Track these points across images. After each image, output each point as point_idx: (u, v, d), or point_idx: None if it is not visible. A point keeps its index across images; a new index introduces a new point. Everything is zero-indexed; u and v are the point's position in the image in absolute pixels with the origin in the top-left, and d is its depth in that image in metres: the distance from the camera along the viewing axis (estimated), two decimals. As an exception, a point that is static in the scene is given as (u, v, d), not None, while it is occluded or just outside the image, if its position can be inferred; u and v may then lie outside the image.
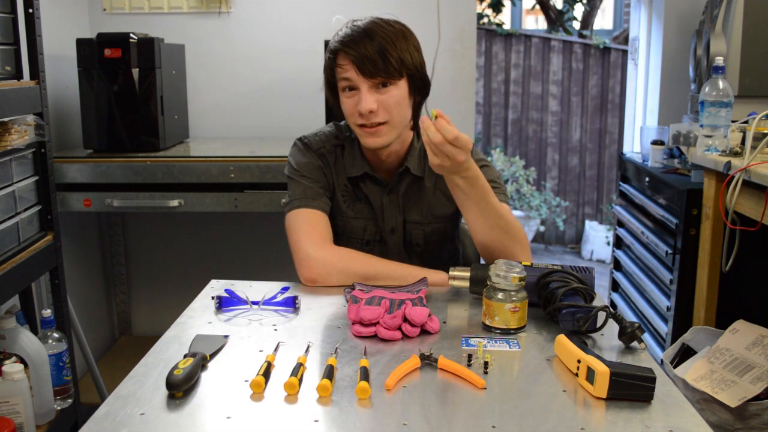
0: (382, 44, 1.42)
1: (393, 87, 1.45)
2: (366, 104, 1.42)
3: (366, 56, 1.41)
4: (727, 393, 1.72)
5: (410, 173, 1.56)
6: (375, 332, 1.15)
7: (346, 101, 1.46)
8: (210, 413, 0.92)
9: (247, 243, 2.97)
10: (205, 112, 2.85)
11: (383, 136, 1.47)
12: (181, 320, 1.24)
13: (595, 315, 1.14)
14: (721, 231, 2.05)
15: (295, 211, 1.49)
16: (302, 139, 1.59)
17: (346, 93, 1.46)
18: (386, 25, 1.46)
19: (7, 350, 1.67)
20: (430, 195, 1.58)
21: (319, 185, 1.53)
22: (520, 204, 5.96)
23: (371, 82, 1.42)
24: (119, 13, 2.78)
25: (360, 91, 1.43)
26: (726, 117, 2.04)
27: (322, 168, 1.55)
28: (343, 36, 1.45)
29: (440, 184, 1.58)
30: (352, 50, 1.42)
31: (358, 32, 1.44)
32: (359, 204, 1.58)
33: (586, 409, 0.93)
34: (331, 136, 1.59)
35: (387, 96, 1.44)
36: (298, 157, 1.57)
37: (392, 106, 1.45)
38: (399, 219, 1.58)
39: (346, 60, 1.43)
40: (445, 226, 1.61)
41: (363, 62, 1.41)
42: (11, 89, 1.68)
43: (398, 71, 1.44)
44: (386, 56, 1.42)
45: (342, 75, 1.44)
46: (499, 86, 6.16)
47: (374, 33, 1.43)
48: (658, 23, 3.02)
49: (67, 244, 2.37)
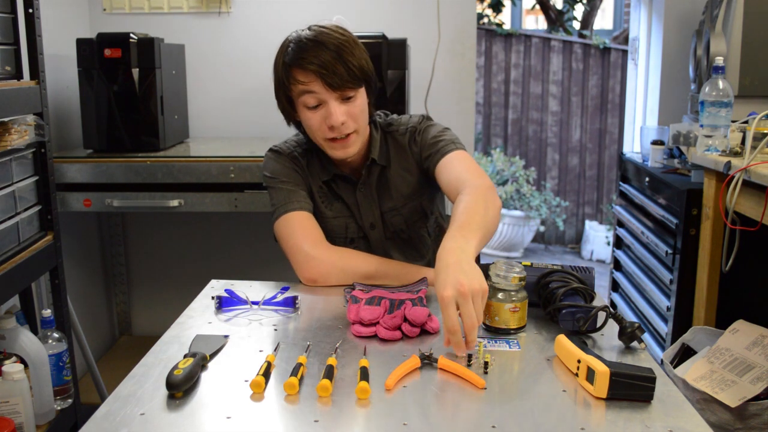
0: (342, 54, 1.40)
1: (357, 96, 1.45)
2: (337, 117, 1.41)
3: (330, 69, 1.38)
4: (727, 393, 1.72)
5: (377, 164, 1.56)
6: (375, 332, 1.15)
7: (312, 117, 1.44)
8: (210, 413, 0.92)
9: (247, 243, 2.97)
10: (205, 112, 2.85)
11: (353, 145, 1.48)
12: (181, 320, 1.24)
13: (595, 315, 1.14)
14: (721, 231, 2.05)
15: (283, 216, 1.48)
16: (272, 148, 1.60)
17: (310, 109, 1.44)
18: (337, 34, 1.43)
19: (7, 350, 1.67)
20: (395, 179, 1.58)
21: (299, 188, 1.53)
22: (520, 204, 5.96)
23: (338, 93, 1.41)
24: (119, 13, 2.78)
25: (328, 105, 1.42)
26: (726, 117, 2.04)
27: (298, 171, 1.56)
28: (299, 51, 1.41)
29: (401, 162, 1.58)
30: (314, 65, 1.39)
31: (313, 44, 1.40)
32: (337, 203, 1.58)
33: (586, 409, 0.93)
34: (301, 142, 1.60)
35: (352, 106, 1.44)
36: (271, 165, 1.57)
37: (358, 114, 1.46)
38: (376, 212, 1.58)
39: (308, 75, 1.40)
40: (420, 202, 1.60)
41: (328, 75, 1.38)
42: (11, 89, 1.68)
43: (360, 79, 1.44)
44: (349, 66, 1.40)
45: (305, 90, 1.42)
46: (499, 86, 6.16)
47: (330, 44, 1.40)
48: (658, 23, 3.02)
49: (67, 244, 2.36)
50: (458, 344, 1.06)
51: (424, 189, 1.61)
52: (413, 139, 1.57)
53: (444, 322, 1.06)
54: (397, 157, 1.59)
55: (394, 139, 1.59)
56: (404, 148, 1.58)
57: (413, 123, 1.59)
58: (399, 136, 1.59)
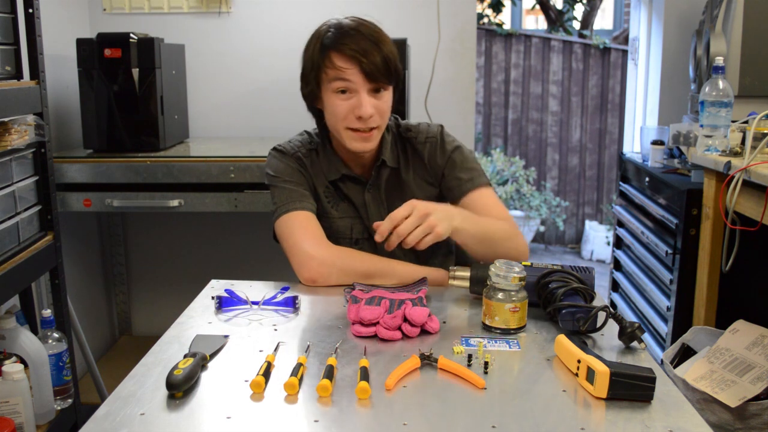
0: (384, 50, 1.42)
1: (386, 92, 1.46)
2: (368, 108, 1.41)
3: (372, 62, 1.40)
4: (727, 393, 1.72)
5: (387, 165, 1.56)
6: (375, 332, 1.15)
7: (339, 103, 1.44)
8: (210, 413, 0.92)
9: (247, 243, 2.97)
10: (205, 112, 2.85)
11: (373, 140, 1.48)
12: (181, 320, 1.24)
13: (595, 315, 1.14)
14: (721, 231, 2.05)
15: (284, 216, 1.48)
16: (276, 147, 1.59)
17: (339, 95, 1.44)
18: (376, 28, 1.45)
19: (7, 350, 1.67)
20: (412, 185, 1.59)
21: (302, 188, 1.53)
22: (520, 204, 5.96)
23: (371, 86, 1.42)
24: (119, 13, 2.78)
25: (359, 95, 1.42)
26: (726, 117, 2.04)
27: (301, 171, 1.55)
28: (340, 36, 1.42)
29: (419, 171, 1.59)
30: (356, 52, 1.39)
31: (355, 32, 1.42)
32: (343, 203, 1.58)
33: (586, 409, 0.93)
34: (305, 142, 1.59)
35: (382, 101, 1.45)
36: (275, 164, 1.56)
37: (385, 111, 1.47)
38: (384, 214, 1.57)
39: (348, 62, 1.40)
40: None
41: (367, 64, 1.39)
42: (11, 89, 1.68)
43: (393, 76, 1.45)
44: (388, 62, 1.42)
45: (339, 75, 1.42)
46: (499, 86, 6.16)
47: (371, 35, 1.42)
48: (658, 23, 3.02)
49: (67, 244, 2.36)
50: (383, 232, 1.26)
51: (440, 200, 1.62)
52: (437, 152, 1.57)
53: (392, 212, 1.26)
54: (414, 165, 1.59)
55: (411, 146, 1.59)
56: (422, 157, 1.58)
57: (433, 133, 1.59)
58: (418, 145, 1.58)
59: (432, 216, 1.27)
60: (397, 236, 1.26)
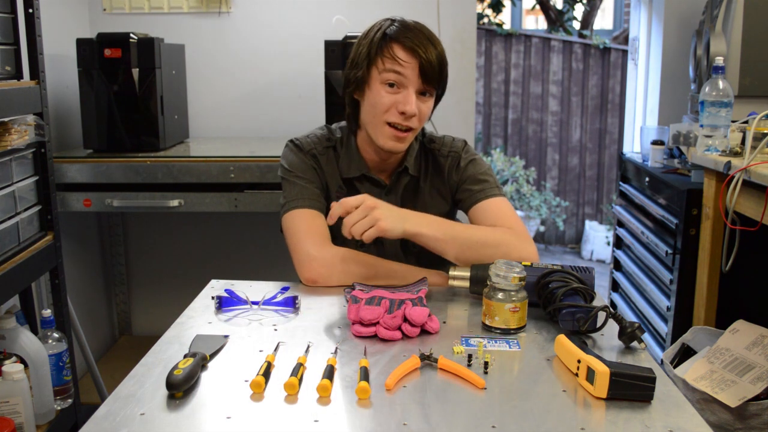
0: (441, 55, 1.44)
1: (430, 98, 1.46)
2: (413, 106, 1.42)
3: (430, 61, 1.41)
4: (727, 393, 1.72)
5: (408, 173, 1.56)
6: (375, 332, 1.15)
7: (385, 95, 1.43)
8: (210, 413, 0.92)
9: (247, 243, 2.97)
10: (205, 112, 2.85)
11: (406, 142, 1.48)
12: (181, 320, 1.24)
13: (595, 315, 1.14)
14: (721, 231, 2.05)
15: (292, 212, 1.48)
16: (294, 140, 1.57)
17: (387, 87, 1.43)
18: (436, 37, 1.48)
19: (7, 350, 1.67)
20: (426, 196, 1.59)
21: (314, 185, 1.52)
22: (520, 204, 5.96)
23: (422, 86, 1.43)
24: (119, 13, 2.78)
25: (408, 91, 1.42)
26: (726, 117, 2.04)
27: (316, 169, 1.54)
28: (404, 30, 1.43)
29: (436, 183, 1.59)
30: (419, 49, 1.40)
31: (420, 32, 1.44)
32: None
33: (586, 409, 0.93)
34: (323, 138, 1.58)
35: (425, 105, 1.45)
36: (290, 158, 1.55)
37: (425, 115, 1.47)
38: None
39: (409, 56, 1.41)
40: None
41: (427, 62, 1.40)
42: (11, 89, 1.68)
43: (442, 85, 1.47)
44: (443, 68, 1.44)
45: (395, 68, 1.41)
46: (499, 86, 6.16)
47: (434, 41, 1.45)
48: (658, 23, 3.02)
49: (67, 244, 2.37)
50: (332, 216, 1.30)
51: (451, 217, 1.62)
52: (455, 167, 1.58)
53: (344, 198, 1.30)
54: (433, 177, 1.59)
55: (434, 158, 1.59)
56: (442, 171, 1.58)
57: (456, 148, 1.59)
58: (440, 158, 1.59)
59: (377, 210, 1.29)
60: (345, 225, 1.30)
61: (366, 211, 1.29)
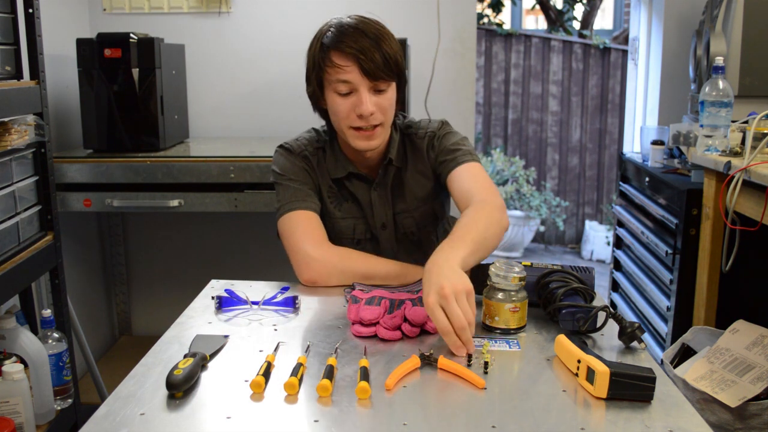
0: (382, 45, 1.41)
1: (388, 89, 1.45)
2: (368, 107, 1.41)
3: (369, 55, 1.39)
4: (727, 393, 1.72)
5: (393, 164, 1.56)
6: (375, 332, 1.15)
7: (341, 103, 1.44)
8: (210, 413, 0.92)
9: (247, 243, 2.97)
10: (205, 112, 2.85)
11: (378, 138, 1.47)
12: (181, 320, 1.24)
13: (595, 315, 1.14)
14: (721, 231, 2.05)
15: (288, 214, 1.48)
16: (283, 145, 1.58)
17: (340, 95, 1.43)
18: (378, 26, 1.45)
19: (7, 350, 1.67)
20: (411, 182, 1.59)
21: (307, 186, 1.52)
22: (520, 204, 5.96)
23: (372, 84, 1.42)
24: (119, 13, 2.78)
25: (359, 93, 1.42)
26: (726, 117, 2.04)
27: (308, 170, 1.55)
28: (339, 34, 1.42)
29: (418, 166, 1.59)
30: (355, 51, 1.39)
31: (354, 30, 1.41)
32: (346, 204, 1.58)
33: (586, 409, 0.93)
34: (312, 140, 1.59)
35: (383, 98, 1.44)
36: (281, 162, 1.56)
37: (387, 108, 1.46)
38: (389, 213, 1.58)
39: (347, 60, 1.40)
40: (432, 206, 1.61)
41: (366, 61, 1.39)
42: (11, 89, 1.68)
43: (394, 73, 1.44)
44: (387, 58, 1.41)
45: (340, 76, 1.41)
46: (499, 86, 6.16)
47: (372, 33, 1.41)
48: (658, 23, 3.02)
49: (67, 244, 2.36)
50: (454, 344, 1.07)
51: (437, 194, 1.61)
52: (431, 145, 1.57)
53: (436, 326, 1.08)
54: (413, 160, 1.59)
55: (411, 142, 1.59)
56: (421, 152, 1.58)
57: (432, 128, 1.59)
58: (417, 140, 1.59)
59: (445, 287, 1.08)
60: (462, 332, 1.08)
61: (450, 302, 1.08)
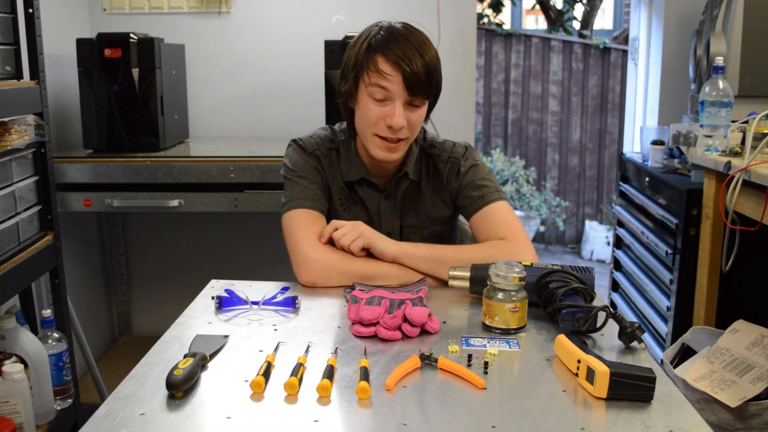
0: (429, 64, 1.40)
1: (422, 106, 1.44)
2: (400, 120, 1.40)
3: (416, 72, 1.38)
4: (727, 393, 1.72)
5: (408, 178, 1.55)
6: (375, 332, 1.15)
7: (373, 108, 1.42)
8: (210, 413, 0.92)
9: (247, 243, 2.97)
10: (205, 112, 2.85)
11: (399, 151, 1.47)
12: (181, 320, 1.24)
13: (595, 315, 1.14)
14: (721, 231, 2.05)
15: (292, 211, 1.48)
16: (297, 140, 1.57)
17: (375, 101, 1.41)
18: (427, 42, 1.43)
19: (7, 350, 1.67)
20: (428, 200, 1.58)
21: (316, 186, 1.52)
22: (520, 204, 5.96)
23: (409, 98, 1.40)
24: (119, 13, 2.78)
25: (394, 104, 1.40)
26: (726, 117, 2.04)
27: (318, 170, 1.54)
28: (388, 41, 1.39)
29: (437, 190, 1.58)
30: (403, 62, 1.37)
31: (405, 41, 1.39)
32: (355, 207, 1.57)
33: (586, 409, 0.93)
34: (326, 139, 1.57)
35: (415, 114, 1.43)
36: (294, 157, 1.55)
37: (416, 124, 1.45)
38: (396, 224, 1.57)
39: (392, 69, 1.38)
40: (442, 229, 1.61)
41: (411, 75, 1.37)
42: (11, 89, 1.68)
43: (434, 94, 1.44)
44: (431, 78, 1.41)
45: (380, 82, 1.39)
46: (499, 86, 6.16)
47: (422, 49, 1.40)
48: (658, 23, 3.02)
49: (67, 244, 2.37)
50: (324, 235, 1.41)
51: (452, 220, 1.62)
52: (455, 173, 1.56)
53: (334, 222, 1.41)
54: (433, 181, 1.58)
55: (433, 163, 1.58)
56: (442, 177, 1.57)
57: (456, 154, 1.57)
58: (440, 163, 1.57)
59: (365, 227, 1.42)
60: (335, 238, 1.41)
61: (354, 226, 1.41)
